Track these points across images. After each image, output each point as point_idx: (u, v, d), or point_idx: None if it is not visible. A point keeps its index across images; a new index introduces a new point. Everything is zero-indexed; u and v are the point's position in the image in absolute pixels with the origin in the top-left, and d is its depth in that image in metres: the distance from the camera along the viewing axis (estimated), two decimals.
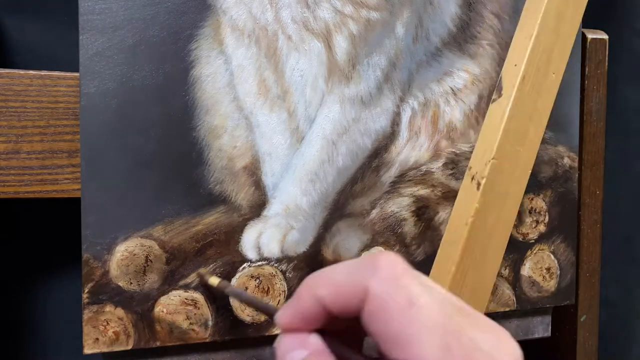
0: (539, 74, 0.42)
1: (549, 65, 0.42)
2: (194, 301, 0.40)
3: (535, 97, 0.42)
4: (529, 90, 0.42)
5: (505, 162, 0.41)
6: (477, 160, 0.42)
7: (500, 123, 0.41)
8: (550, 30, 0.42)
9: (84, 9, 0.37)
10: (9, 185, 0.39)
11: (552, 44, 0.42)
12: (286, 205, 0.42)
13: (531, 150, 0.42)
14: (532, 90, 0.42)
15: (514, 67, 0.42)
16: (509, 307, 0.48)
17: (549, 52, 0.42)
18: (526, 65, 0.42)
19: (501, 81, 0.43)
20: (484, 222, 0.41)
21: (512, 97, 0.41)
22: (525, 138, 0.42)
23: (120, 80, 0.38)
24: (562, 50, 0.43)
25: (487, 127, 0.42)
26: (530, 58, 0.42)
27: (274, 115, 0.41)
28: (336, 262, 0.43)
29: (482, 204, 0.40)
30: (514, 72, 0.42)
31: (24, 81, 0.39)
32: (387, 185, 0.44)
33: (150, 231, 0.39)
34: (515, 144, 0.41)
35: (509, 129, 0.41)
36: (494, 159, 0.40)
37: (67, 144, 0.40)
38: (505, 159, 0.41)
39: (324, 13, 0.41)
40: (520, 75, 0.41)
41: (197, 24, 0.39)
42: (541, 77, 0.42)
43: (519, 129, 0.42)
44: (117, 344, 0.38)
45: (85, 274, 0.38)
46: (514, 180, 0.42)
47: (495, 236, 0.41)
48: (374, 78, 0.43)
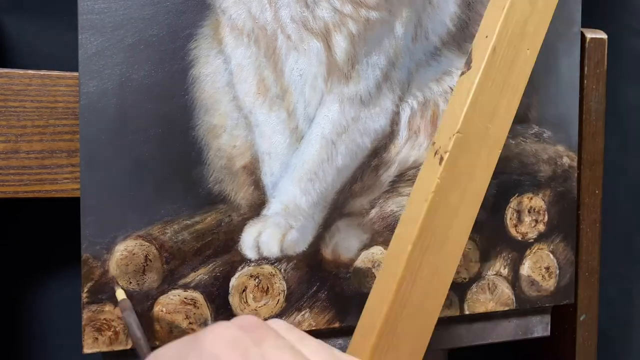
0: (511, 47, 0.40)
1: (522, 40, 0.40)
2: (193, 301, 0.40)
3: (507, 72, 0.39)
4: (500, 64, 0.39)
5: (471, 138, 0.38)
6: (441, 135, 0.39)
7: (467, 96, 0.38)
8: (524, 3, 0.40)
9: (83, 9, 0.37)
10: (8, 185, 0.39)
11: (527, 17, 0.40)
12: (285, 204, 0.42)
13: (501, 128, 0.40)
14: (503, 64, 0.39)
15: (484, 38, 0.40)
16: (508, 306, 0.48)
17: (523, 26, 0.40)
18: (497, 37, 0.39)
19: (471, 53, 0.40)
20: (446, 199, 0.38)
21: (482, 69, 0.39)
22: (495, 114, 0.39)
23: (119, 80, 0.38)
24: (538, 24, 0.41)
25: (453, 100, 0.40)
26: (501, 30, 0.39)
27: (273, 115, 0.41)
28: (335, 262, 0.43)
29: (444, 179, 0.37)
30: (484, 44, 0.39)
31: (23, 81, 0.39)
32: (386, 185, 0.44)
33: (149, 231, 0.39)
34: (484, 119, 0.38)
35: (476, 102, 0.38)
36: (458, 133, 0.38)
37: (67, 143, 0.40)
38: (472, 135, 0.38)
39: (323, 12, 0.42)
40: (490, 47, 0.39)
41: (196, 24, 0.39)
42: (513, 51, 0.40)
43: (489, 103, 0.39)
44: (116, 343, 0.38)
45: (85, 274, 0.38)
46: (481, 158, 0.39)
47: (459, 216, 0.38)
48: (373, 77, 0.43)
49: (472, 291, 0.47)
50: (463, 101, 0.39)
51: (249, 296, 0.41)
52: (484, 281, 0.47)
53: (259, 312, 0.41)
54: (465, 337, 0.48)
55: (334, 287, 0.43)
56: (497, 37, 0.39)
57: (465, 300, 0.47)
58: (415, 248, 0.37)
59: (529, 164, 0.48)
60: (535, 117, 0.48)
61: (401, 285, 0.36)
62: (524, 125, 0.48)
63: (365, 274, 0.44)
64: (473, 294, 0.47)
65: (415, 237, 0.37)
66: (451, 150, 0.38)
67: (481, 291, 0.47)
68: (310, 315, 0.42)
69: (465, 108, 0.38)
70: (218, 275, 0.40)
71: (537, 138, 0.48)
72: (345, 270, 0.43)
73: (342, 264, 0.43)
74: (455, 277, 0.46)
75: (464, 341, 0.48)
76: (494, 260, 0.47)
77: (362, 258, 0.44)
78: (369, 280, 0.44)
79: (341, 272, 0.43)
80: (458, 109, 0.39)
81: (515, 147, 0.48)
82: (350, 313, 0.43)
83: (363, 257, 0.44)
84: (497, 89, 0.39)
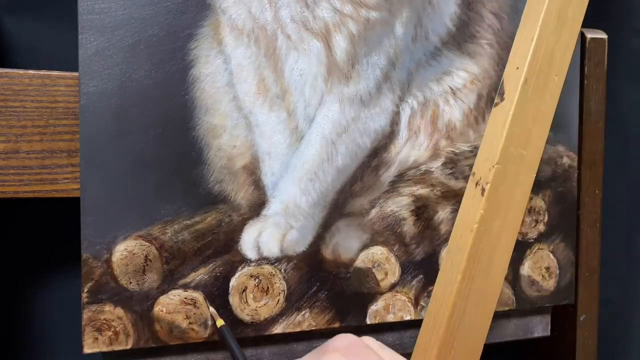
0: (541, 76, 0.42)
1: (551, 68, 0.42)
2: (193, 300, 0.40)
3: (538, 100, 0.42)
4: (532, 93, 0.41)
5: (509, 167, 0.41)
6: (481, 166, 0.41)
7: (503, 128, 0.41)
8: (551, 32, 0.42)
9: (83, 9, 0.37)
10: (9, 185, 0.39)
11: (554, 45, 0.42)
12: (285, 204, 0.42)
13: (535, 153, 0.42)
14: (534, 93, 0.41)
15: (515, 70, 0.42)
16: (508, 306, 0.48)
17: (551, 54, 0.42)
18: (528, 68, 0.41)
19: (503, 85, 0.42)
20: (490, 228, 0.40)
21: (515, 101, 0.41)
22: (528, 141, 0.41)
23: (119, 80, 0.38)
24: (564, 51, 0.43)
25: (489, 132, 0.42)
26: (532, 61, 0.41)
27: (274, 115, 0.41)
28: (335, 262, 0.43)
29: (487, 210, 0.40)
30: (515, 76, 0.42)
31: (23, 81, 0.39)
32: (386, 185, 0.44)
33: (149, 230, 0.39)
34: (519, 147, 0.41)
35: (512, 133, 0.41)
36: (497, 164, 0.40)
37: (67, 143, 0.40)
38: (509, 164, 0.41)
39: (323, 12, 0.42)
40: (522, 79, 0.41)
41: (197, 24, 0.39)
42: (543, 80, 0.42)
43: (522, 132, 0.41)
44: (116, 343, 0.38)
45: (85, 274, 0.38)
46: (518, 184, 0.41)
47: (501, 242, 0.41)
48: (373, 77, 0.43)
49: None
50: (499, 133, 0.41)
51: (249, 296, 0.41)
52: None
53: (259, 312, 0.41)
54: None
55: (334, 287, 0.43)
56: (527, 68, 0.41)
57: None
58: (464, 278, 0.40)
59: None
60: None
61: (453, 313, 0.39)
62: None
63: (365, 274, 0.44)
64: None
65: (464, 266, 0.39)
66: (492, 182, 0.40)
67: None
68: (310, 315, 0.42)
69: (502, 140, 0.40)
70: (218, 275, 0.40)
71: None
72: (345, 270, 0.43)
73: (342, 264, 0.43)
74: None
75: None
76: None
77: (362, 258, 0.44)
78: (369, 280, 0.44)
79: (341, 272, 0.43)
80: (495, 141, 0.41)
81: None
82: (350, 313, 0.43)
83: (363, 257, 0.44)
84: (530, 117, 0.41)
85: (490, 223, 0.40)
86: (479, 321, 0.41)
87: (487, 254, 0.40)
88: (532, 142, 0.42)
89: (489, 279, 0.41)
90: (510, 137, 0.41)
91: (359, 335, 0.33)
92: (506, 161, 0.41)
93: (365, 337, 0.28)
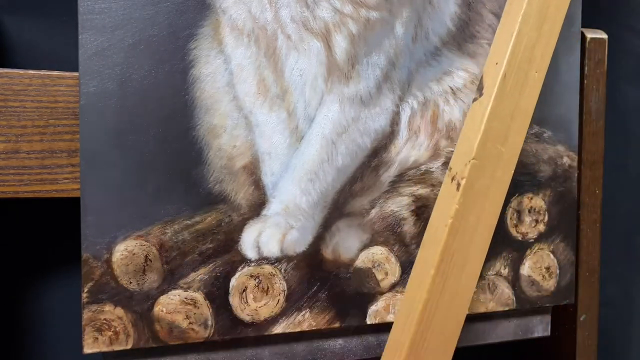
0: (521, 72, 0.41)
1: (531, 64, 0.42)
2: (193, 300, 0.40)
3: (517, 96, 0.41)
4: (511, 89, 0.41)
5: (486, 163, 0.40)
6: (457, 161, 0.41)
7: (480, 123, 0.40)
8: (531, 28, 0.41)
9: (83, 9, 0.37)
10: (9, 185, 0.39)
11: (534, 42, 0.42)
12: (285, 204, 0.42)
13: (514, 150, 0.42)
14: (513, 89, 0.41)
15: (495, 65, 0.41)
16: (509, 306, 0.48)
17: (531, 50, 0.42)
18: (507, 63, 0.41)
19: (482, 80, 0.42)
20: (465, 223, 0.40)
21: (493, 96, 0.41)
22: (507, 137, 0.41)
23: (119, 80, 0.38)
24: (545, 48, 0.42)
25: (467, 127, 0.41)
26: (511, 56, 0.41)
27: (274, 115, 0.41)
28: (335, 262, 0.43)
29: (462, 204, 0.40)
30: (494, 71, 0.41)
31: (23, 81, 0.39)
32: (386, 185, 0.44)
33: (149, 230, 0.39)
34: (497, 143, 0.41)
35: (490, 128, 0.40)
36: (474, 160, 0.40)
37: (67, 143, 0.40)
38: (486, 159, 0.40)
39: (323, 12, 0.42)
40: (501, 74, 0.41)
41: (197, 24, 0.39)
42: (523, 76, 0.41)
43: (501, 128, 0.41)
44: (116, 343, 0.38)
45: (85, 274, 0.38)
46: (495, 180, 0.41)
47: (476, 238, 0.40)
48: (373, 77, 0.43)
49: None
50: (477, 128, 0.40)
51: (249, 296, 0.41)
52: (484, 281, 0.47)
53: (259, 312, 0.41)
54: (465, 337, 0.48)
55: (334, 287, 0.43)
56: (507, 63, 0.41)
57: None
58: (437, 272, 0.39)
59: (529, 164, 0.48)
60: (535, 117, 0.48)
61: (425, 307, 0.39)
62: None
63: (365, 274, 0.44)
64: (473, 294, 0.47)
65: (437, 261, 0.39)
66: (467, 177, 0.40)
67: (481, 291, 0.47)
68: (310, 315, 0.42)
69: (479, 135, 0.40)
70: (218, 275, 0.40)
71: (538, 138, 0.48)
72: (346, 270, 0.43)
73: (342, 264, 0.43)
74: None
75: (464, 341, 0.48)
76: (494, 260, 0.47)
77: (362, 258, 0.44)
78: (369, 280, 0.44)
79: (341, 272, 0.43)
80: (472, 136, 0.40)
81: None
82: (350, 313, 0.43)
83: (363, 257, 0.44)
84: (508, 113, 0.41)
85: (466, 218, 0.40)
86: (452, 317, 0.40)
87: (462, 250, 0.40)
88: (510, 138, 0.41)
89: (463, 275, 0.40)
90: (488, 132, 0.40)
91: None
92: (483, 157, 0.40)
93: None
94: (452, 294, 0.40)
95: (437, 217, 0.41)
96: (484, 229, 0.41)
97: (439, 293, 0.39)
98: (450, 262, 0.39)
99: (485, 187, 0.40)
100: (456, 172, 0.40)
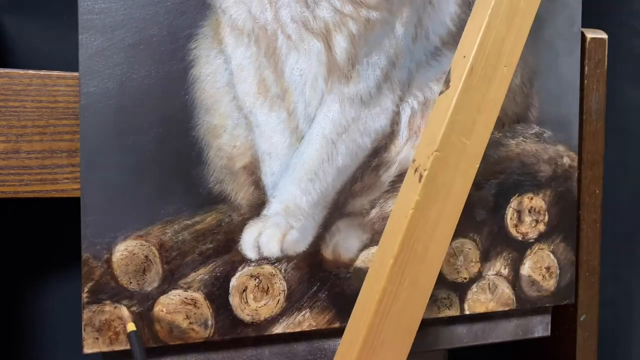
0: (489, 66, 0.40)
1: (499, 58, 0.41)
2: (193, 300, 0.40)
3: (484, 90, 0.41)
4: (477, 82, 0.40)
5: (450, 155, 0.40)
6: (421, 152, 0.40)
7: (445, 115, 0.40)
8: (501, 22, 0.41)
9: (83, 9, 0.37)
10: (9, 185, 0.39)
11: (504, 36, 0.41)
12: (286, 204, 0.42)
13: (479, 143, 0.41)
14: (480, 82, 0.40)
15: (462, 58, 0.41)
16: (509, 306, 0.48)
17: (500, 44, 0.41)
18: (475, 57, 0.40)
19: (450, 73, 0.41)
20: (426, 215, 0.39)
21: (459, 88, 0.40)
22: (472, 131, 0.40)
23: (119, 80, 0.38)
24: (515, 43, 0.41)
25: (432, 119, 0.41)
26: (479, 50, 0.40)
27: (274, 115, 0.41)
28: (335, 262, 0.43)
29: (423, 196, 0.39)
30: (462, 64, 0.40)
31: (23, 81, 0.39)
32: (386, 185, 0.44)
33: (149, 230, 0.39)
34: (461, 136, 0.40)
35: (455, 121, 0.40)
36: (437, 152, 0.39)
37: (67, 143, 0.40)
38: (450, 152, 0.40)
39: (324, 12, 0.42)
40: (468, 67, 0.40)
41: (197, 24, 0.39)
42: (491, 70, 0.41)
43: (466, 121, 0.40)
44: (116, 343, 0.38)
45: (85, 274, 0.38)
46: (459, 173, 0.40)
47: (438, 230, 0.40)
48: (373, 77, 0.43)
49: (473, 291, 0.47)
50: (441, 120, 0.40)
51: (249, 296, 0.41)
52: (484, 281, 0.47)
53: (259, 312, 0.41)
54: (466, 337, 0.48)
55: (334, 287, 0.43)
56: (474, 57, 0.40)
57: (465, 300, 0.47)
58: (396, 262, 0.38)
59: (529, 164, 0.48)
60: (535, 117, 0.48)
61: (383, 297, 0.38)
62: (525, 125, 0.48)
63: (365, 274, 0.44)
64: (473, 294, 0.47)
65: (397, 251, 0.38)
66: (430, 169, 0.39)
67: (481, 291, 0.47)
68: (310, 315, 0.42)
69: (443, 128, 0.39)
70: (218, 275, 0.40)
71: (538, 138, 0.48)
72: (346, 270, 0.43)
73: (343, 264, 0.43)
74: (455, 277, 0.46)
75: (464, 341, 0.48)
76: (495, 260, 0.47)
77: (362, 258, 0.44)
78: None
79: (341, 272, 0.43)
80: (436, 128, 0.40)
81: (515, 147, 0.48)
82: (350, 313, 0.43)
83: (363, 257, 0.44)
84: (474, 106, 0.40)
85: (427, 210, 0.39)
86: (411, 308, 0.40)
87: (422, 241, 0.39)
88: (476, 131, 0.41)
89: (423, 266, 0.39)
90: (453, 125, 0.40)
91: None
92: (447, 149, 0.40)
93: None
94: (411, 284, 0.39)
95: (398, 208, 0.40)
96: (446, 221, 0.40)
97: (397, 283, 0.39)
98: (409, 252, 0.39)
99: (449, 179, 0.40)
100: (419, 164, 0.40)
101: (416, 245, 0.39)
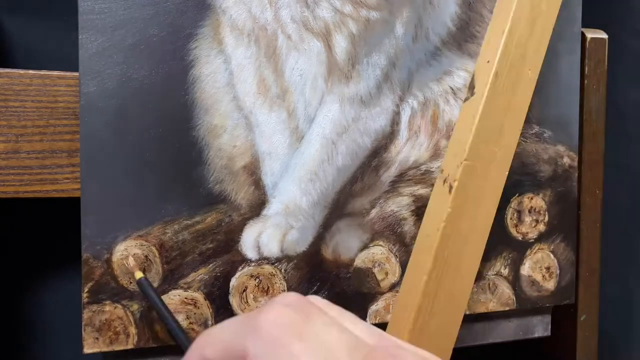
0: (513, 70, 0.40)
1: (523, 62, 0.40)
2: (193, 300, 0.40)
3: (510, 95, 0.40)
4: (503, 88, 0.39)
5: (478, 164, 0.39)
6: (449, 163, 0.40)
7: (472, 123, 0.39)
8: (524, 25, 0.40)
9: (83, 9, 0.37)
10: (9, 185, 0.39)
11: (527, 39, 0.40)
12: (286, 204, 0.42)
13: (507, 150, 0.40)
14: (505, 88, 0.40)
15: (486, 63, 0.40)
16: (509, 306, 0.48)
17: (524, 48, 0.40)
18: (499, 61, 0.39)
19: (474, 79, 0.41)
20: (458, 227, 0.38)
21: (485, 95, 0.39)
22: (500, 137, 0.40)
23: (119, 80, 0.38)
24: (538, 45, 0.41)
25: (458, 127, 0.40)
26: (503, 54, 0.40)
27: (274, 115, 0.41)
28: (336, 262, 0.43)
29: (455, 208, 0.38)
30: (486, 69, 0.40)
31: (23, 81, 0.39)
32: (386, 185, 0.44)
33: (149, 230, 0.39)
34: (490, 144, 0.39)
35: (482, 128, 0.39)
36: (466, 161, 0.38)
37: (67, 143, 0.40)
38: (479, 160, 0.39)
39: (324, 12, 0.42)
40: (492, 72, 0.39)
41: (197, 24, 0.39)
42: (515, 74, 0.40)
43: (493, 128, 0.39)
44: (117, 343, 0.38)
45: (85, 274, 0.38)
46: (489, 182, 0.39)
47: (470, 242, 0.39)
48: (373, 77, 0.43)
49: (473, 291, 0.47)
50: (468, 128, 0.39)
51: (249, 296, 0.41)
52: (484, 281, 0.47)
53: None
54: (466, 337, 0.48)
55: (334, 287, 0.43)
56: (498, 62, 0.39)
57: None
58: (430, 278, 0.38)
59: (529, 164, 0.48)
60: (535, 117, 0.48)
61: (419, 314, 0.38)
62: (525, 125, 0.48)
63: (365, 274, 0.44)
64: (473, 294, 0.47)
65: (430, 267, 0.38)
66: (460, 179, 0.38)
67: (481, 291, 0.47)
68: None
69: (471, 136, 0.39)
70: (218, 275, 0.40)
71: (538, 138, 0.48)
72: (346, 270, 0.43)
73: (343, 264, 0.43)
74: None
75: (464, 341, 0.48)
76: (495, 260, 0.47)
77: (363, 258, 0.44)
78: (369, 280, 0.44)
79: (341, 272, 0.43)
80: (464, 137, 0.39)
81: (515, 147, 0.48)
82: (349, 313, 0.43)
83: (363, 257, 0.44)
84: (501, 112, 0.39)
85: (458, 222, 0.38)
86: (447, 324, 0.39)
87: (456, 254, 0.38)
88: (503, 138, 0.40)
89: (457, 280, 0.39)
90: (480, 132, 0.39)
91: None
92: (476, 158, 0.39)
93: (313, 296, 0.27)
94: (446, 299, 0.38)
95: (429, 221, 0.40)
96: (478, 232, 0.39)
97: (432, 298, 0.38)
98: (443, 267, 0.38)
99: (479, 189, 0.39)
100: (448, 174, 0.39)
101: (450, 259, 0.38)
